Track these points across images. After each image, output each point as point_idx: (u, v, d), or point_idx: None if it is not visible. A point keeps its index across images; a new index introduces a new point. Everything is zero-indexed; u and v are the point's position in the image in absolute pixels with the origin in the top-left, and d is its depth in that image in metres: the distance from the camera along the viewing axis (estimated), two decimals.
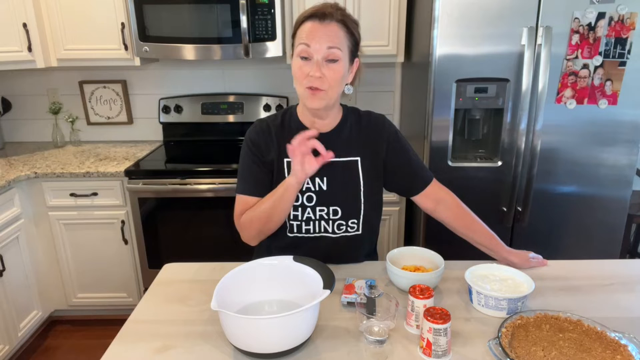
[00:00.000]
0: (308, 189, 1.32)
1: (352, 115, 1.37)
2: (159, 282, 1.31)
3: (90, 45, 2.44)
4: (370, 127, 1.36)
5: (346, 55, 1.22)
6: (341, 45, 1.20)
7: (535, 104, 1.98)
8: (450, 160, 2.12)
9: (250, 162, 1.33)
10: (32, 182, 2.36)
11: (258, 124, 1.35)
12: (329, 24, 1.19)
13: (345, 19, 1.21)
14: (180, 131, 2.86)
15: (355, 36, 1.24)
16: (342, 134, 1.34)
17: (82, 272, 2.52)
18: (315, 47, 1.18)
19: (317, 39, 1.17)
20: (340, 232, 1.36)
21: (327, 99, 1.22)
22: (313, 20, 1.19)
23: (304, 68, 1.20)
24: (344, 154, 1.32)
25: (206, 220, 2.38)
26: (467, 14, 1.93)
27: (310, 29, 1.19)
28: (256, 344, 0.96)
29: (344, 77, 1.24)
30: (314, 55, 1.18)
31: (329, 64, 1.19)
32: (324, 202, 1.32)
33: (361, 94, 2.86)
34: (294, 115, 1.35)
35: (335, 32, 1.19)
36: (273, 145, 1.32)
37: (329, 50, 1.18)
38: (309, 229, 1.35)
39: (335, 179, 1.32)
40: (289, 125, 1.34)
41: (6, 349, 2.22)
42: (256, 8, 2.30)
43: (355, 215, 1.35)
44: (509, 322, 1.03)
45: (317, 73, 1.18)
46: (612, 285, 1.26)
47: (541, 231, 2.17)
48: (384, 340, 1.02)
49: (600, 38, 1.93)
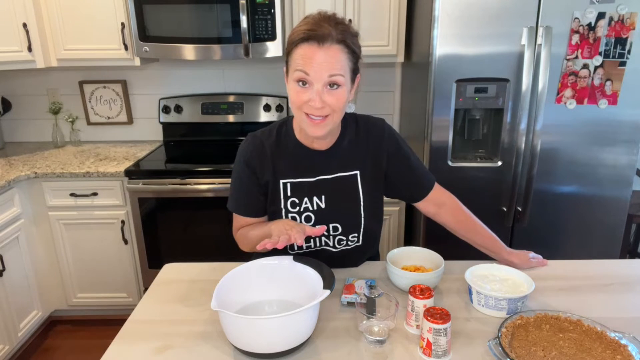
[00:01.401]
0: (306, 209, 1.27)
1: (350, 127, 1.29)
2: (159, 282, 1.31)
3: (90, 45, 2.44)
4: (370, 138, 1.29)
5: (348, 78, 1.12)
6: (343, 70, 1.09)
7: (535, 104, 1.98)
8: (450, 160, 2.12)
9: (243, 183, 1.28)
10: (32, 182, 2.36)
11: (251, 142, 1.27)
12: (329, 48, 1.07)
13: (345, 37, 1.09)
14: (180, 131, 2.86)
15: (357, 53, 1.14)
16: (340, 149, 1.27)
17: (82, 272, 2.52)
18: (315, 75, 1.07)
19: (316, 67, 1.07)
20: (340, 247, 1.33)
21: (330, 124, 1.15)
22: (311, 44, 1.07)
23: (302, 95, 1.10)
24: (343, 169, 1.27)
25: (206, 220, 2.38)
26: (467, 14, 1.93)
27: (307, 55, 1.07)
28: (256, 344, 0.96)
29: (346, 102, 1.14)
30: (313, 83, 1.08)
31: (331, 90, 1.10)
32: (323, 221, 1.27)
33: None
34: (290, 132, 1.27)
35: (337, 57, 1.08)
36: (269, 167, 1.26)
37: (330, 78, 1.08)
38: (310, 245, 1.32)
39: (334, 197, 1.27)
40: (285, 143, 1.27)
41: (6, 349, 2.22)
42: (256, 8, 2.30)
43: (355, 230, 1.31)
44: (509, 322, 1.03)
45: (317, 103, 1.09)
46: (612, 285, 1.26)
47: (541, 231, 2.17)
48: (384, 340, 1.02)
49: (600, 38, 1.93)
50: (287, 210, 1.27)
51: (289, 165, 1.26)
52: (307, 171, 1.26)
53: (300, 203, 1.27)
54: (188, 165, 2.44)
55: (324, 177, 1.27)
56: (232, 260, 1.34)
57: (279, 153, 1.27)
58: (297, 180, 1.26)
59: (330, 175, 1.27)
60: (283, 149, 1.27)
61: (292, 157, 1.27)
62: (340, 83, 1.10)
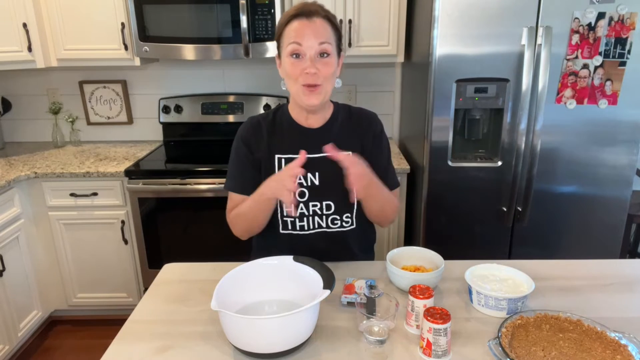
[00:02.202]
0: (300, 185, 1.32)
1: (343, 111, 1.39)
2: (159, 282, 1.31)
3: (90, 45, 2.44)
4: (361, 122, 1.38)
5: (335, 49, 1.24)
6: (330, 40, 1.22)
7: (535, 104, 1.98)
8: (450, 160, 2.12)
9: (239, 159, 1.35)
10: (32, 182, 2.36)
11: (249, 121, 1.38)
12: (316, 21, 1.21)
13: (329, 15, 1.24)
14: (180, 131, 2.86)
15: (339, 30, 1.28)
16: (333, 129, 1.35)
17: (82, 272, 2.52)
18: (307, 44, 1.19)
19: (307, 36, 1.19)
20: (335, 227, 1.36)
21: (323, 93, 1.24)
22: (300, 19, 1.21)
23: (297, 66, 1.21)
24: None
25: (206, 220, 2.38)
26: (467, 14, 1.93)
27: (299, 27, 1.20)
28: (256, 344, 0.96)
29: (336, 71, 1.26)
30: (306, 52, 1.20)
31: (322, 59, 1.21)
32: (317, 197, 1.33)
33: (361, 94, 2.86)
34: (285, 113, 1.37)
35: (324, 27, 1.21)
36: (263, 141, 1.34)
37: (320, 45, 1.20)
38: (303, 225, 1.35)
39: (327, 174, 1.32)
40: (280, 121, 1.36)
41: (6, 349, 2.22)
42: (256, 8, 2.30)
43: (348, 210, 1.36)
44: (509, 322, 1.03)
45: (312, 69, 1.20)
46: (612, 285, 1.26)
47: (541, 231, 2.17)
48: (384, 340, 1.02)
49: (600, 38, 1.93)
50: None
51: (283, 142, 1.34)
52: (301, 147, 1.27)
53: None
54: (188, 165, 2.44)
55: (317, 154, 1.31)
56: (232, 260, 1.34)
57: (274, 130, 1.35)
58: (291, 156, 1.32)
59: (323, 152, 1.28)
60: (278, 127, 1.36)
61: (287, 134, 1.35)
62: (329, 51, 1.22)
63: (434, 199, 2.16)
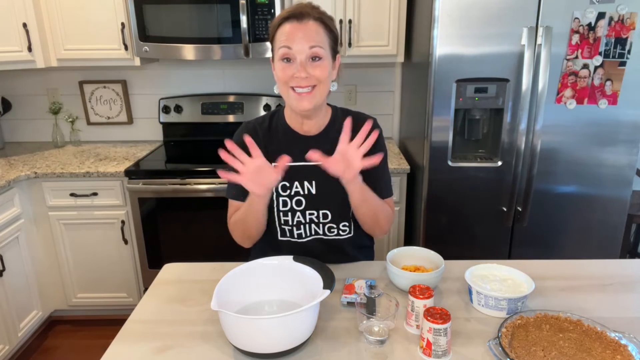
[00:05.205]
0: (297, 193, 1.31)
1: (341, 116, 1.33)
2: (159, 282, 1.31)
3: (90, 45, 2.44)
4: (359, 128, 1.29)
5: (328, 52, 1.20)
6: (322, 43, 1.18)
7: (535, 104, 1.98)
8: (450, 160, 2.12)
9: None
10: (32, 182, 2.36)
11: (245, 127, 1.35)
12: (307, 23, 1.17)
13: (322, 17, 1.20)
14: (180, 131, 2.86)
15: (334, 32, 1.23)
16: (330, 136, 1.29)
17: (82, 272, 2.52)
18: (297, 48, 1.16)
19: (298, 40, 1.16)
20: (331, 235, 1.35)
21: (316, 98, 1.20)
22: (291, 22, 1.17)
23: (287, 70, 1.18)
24: None
25: (206, 220, 2.38)
26: (467, 14, 1.93)
27: (289, 31, 1.17)
28: (256, 344, 0.96)
29: (330, 75, 1.22)
30: (296, 56, 1.17)
31: (313, 63, 1.18)
32: (313, 206, 1.31)
33: (361, 94, 2.86)
34: (281, 118, 1.34)
35: (316, 30, 1.17)
36: (260, 148, 1.27)
37: (311, 49, 1.17)
38: (300, 233, 1.34)
39: (324, 183, 1.29)
40: (276, 128, 1.33)
41: (6, 349, 2.22)
42: (256, 8, 2.30)
43: (345, 218, 1.34)
44: (509, 322, 1.03)
45: (302, 73, 1.16)
46: (612, 285, 1.26)
47: (541, 231, 2.17)
48: (384, 340, 1.02)
49: (600, 38, 1.93)
50: (278, 193, 1.31)
51: (280, 150, 1.29)
52: (297, 155, 1.26)
53: (290, 186, 1.30)
54: (188, 165, 2.44)
55: (314, 162, 1.27)
56: (232, 260, 1.34)
57: (271, 137, 1.33)
58: (289, 164, 1.27)
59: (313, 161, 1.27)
60: (274, 134, 1.33)
61: (283, 141, 1.32)
62: (321, 55, 1.18)
63: (434, 199, 2.16)
